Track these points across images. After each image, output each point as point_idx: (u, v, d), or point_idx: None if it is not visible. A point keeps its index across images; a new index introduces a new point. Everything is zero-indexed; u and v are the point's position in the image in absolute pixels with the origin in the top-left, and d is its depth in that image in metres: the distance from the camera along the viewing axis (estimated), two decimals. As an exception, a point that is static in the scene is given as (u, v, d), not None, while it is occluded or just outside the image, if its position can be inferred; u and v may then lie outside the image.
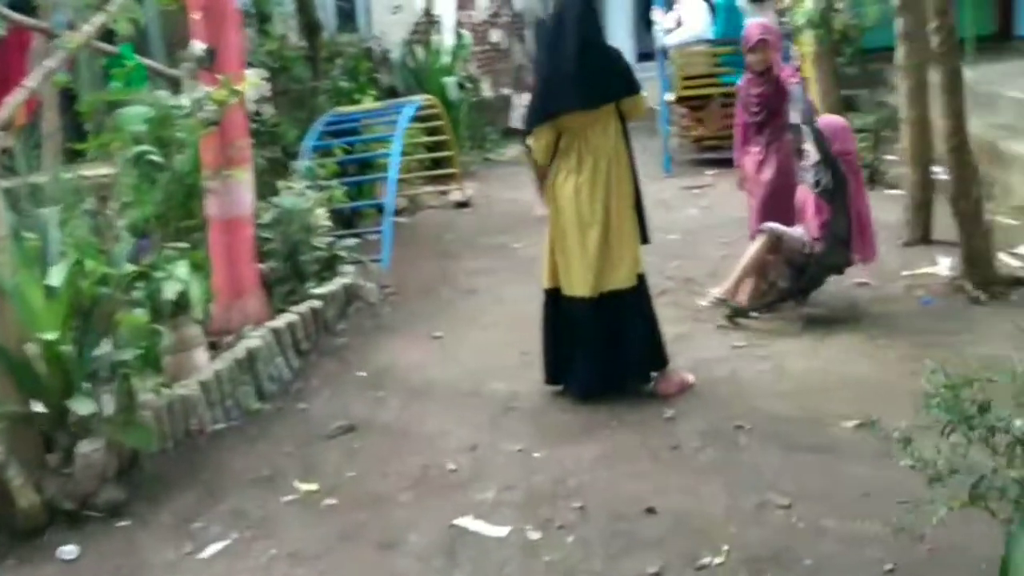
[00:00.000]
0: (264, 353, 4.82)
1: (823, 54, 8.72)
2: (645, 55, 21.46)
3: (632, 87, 4.26)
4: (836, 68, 8.78)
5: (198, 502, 3.66)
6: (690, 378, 4.50)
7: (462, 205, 9.65)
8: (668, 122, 10.56)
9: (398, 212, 9.04)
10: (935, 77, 5.95)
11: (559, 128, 4.24)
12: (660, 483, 3.54)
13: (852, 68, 8.97)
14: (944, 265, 6.10)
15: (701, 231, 7.66)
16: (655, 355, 4.41)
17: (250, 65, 6.18)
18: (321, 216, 6.21)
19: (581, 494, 3.49)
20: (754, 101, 5.81)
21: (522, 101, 8.53)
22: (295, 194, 6.19)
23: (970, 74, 6.99)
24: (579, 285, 4.30)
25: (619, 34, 20.62)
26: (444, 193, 10.04)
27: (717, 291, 5.48)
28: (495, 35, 15.79)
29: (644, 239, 4.44)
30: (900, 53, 6.63)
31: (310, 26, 8.57)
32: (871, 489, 3.37)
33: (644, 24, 21.36)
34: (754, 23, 6.26)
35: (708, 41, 10.36)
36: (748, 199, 6.03)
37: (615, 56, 4.27)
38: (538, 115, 4.25)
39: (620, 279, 4.28)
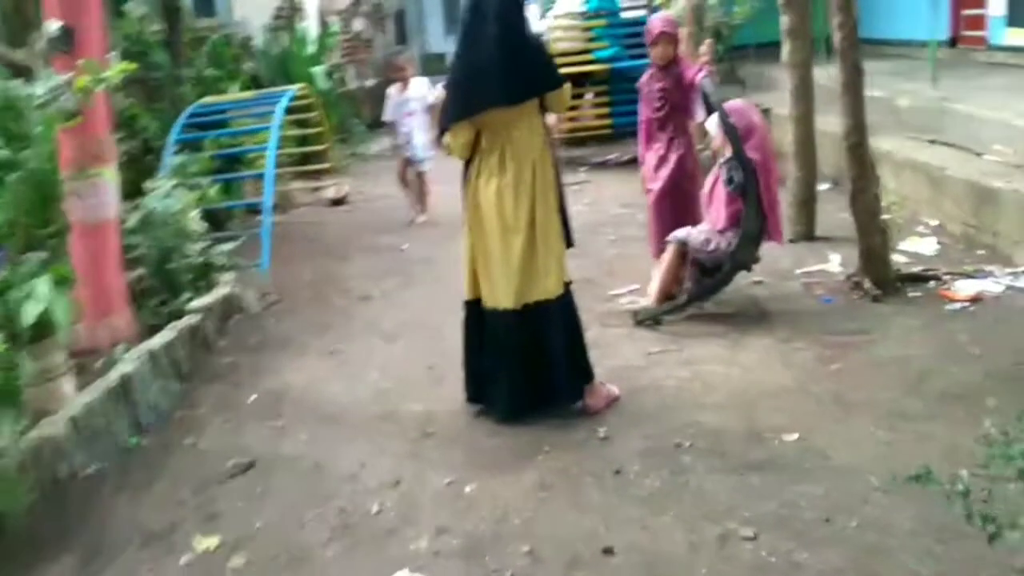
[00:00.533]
0: (140, 379, 4.24)
1: (696, 51, 8.68)
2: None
3: (558, 79, 3.95)
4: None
5: (78, 569, 3.10)
6: (615, 391, 4.24)
7: (337, 203, 9.15)
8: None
9: (269, 210, 8.52)
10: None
11: (479, 125, 3.88)
12: (610, 516, 3.24)
13: (722, 65, 8.98)
14: (835, 262, 6.09)
15: (590, 229, 7.45)
16: (582, 369, 4.12)
17: (107, 50, 5.51)
18: (195, 219, 5.62)
19: (528, 534, 3.14)
20: (656, 96, 5.60)
21: (395, 92, 8.05)
22: (164, 194, 5.58)
23: (826, 74, 7.08)
24: (503, 296, 3.95)
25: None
26: (317, 189, 9.50)
27: (646, 302, 5.28)
28: (357, 24, 15.23)
29: (568, 243, 4.14)
30: (785, 50, 6.59)
31: (170, 8, 7.83)
32: (830, 513, 3.18)
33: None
34: (657, 16, 6.04)
35: (581, 14, 10.19)
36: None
37: (538, 46, 3.95)
38: (457, 111, 3.87)
39: (547, 289, 3.96)
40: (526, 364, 3.97)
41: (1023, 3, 9.20)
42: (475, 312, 4.06)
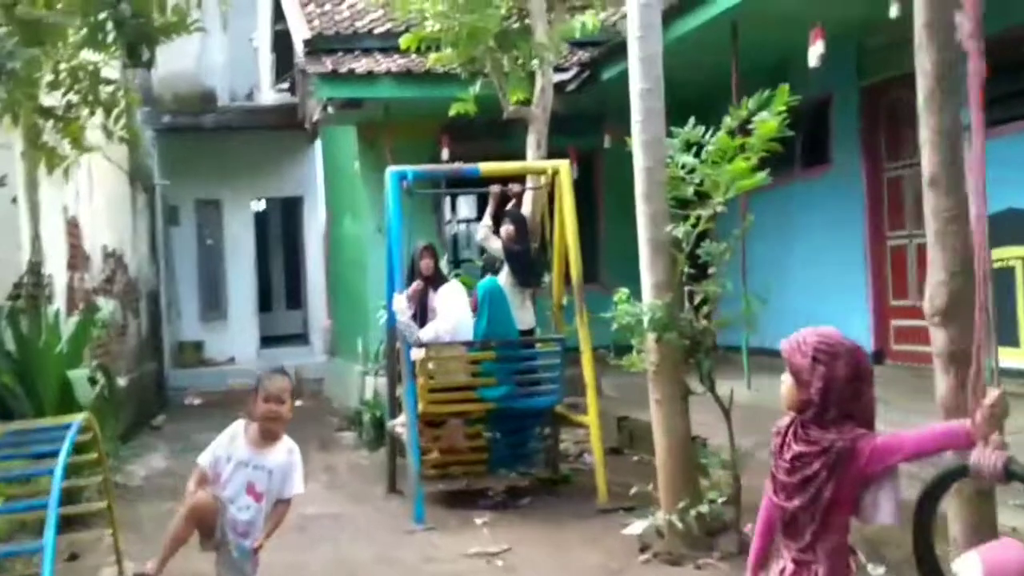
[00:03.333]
0: None
1: (669, 367, 6.21)
2: (269, 339, 18.37)
3: None
4: (686, 389, 6.26)
5: None
6: None
7: (125, 597, 5.54)
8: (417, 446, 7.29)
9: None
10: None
11: None
12: None
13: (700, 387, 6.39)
14: None
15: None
16: None
17: None
18: None
19: None
20: (784, 469, 2.98)
21: (244, 437, 4.30)
22: None
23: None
24: None
25: (244, 312, 17.42)
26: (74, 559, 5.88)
27: None
28: (109, 305, 11.86)
29: None
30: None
31: None
32: None
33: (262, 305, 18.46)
34: (808, 330, 3.08)
35: (467, 343, 7.55)
36: None
37: None
38: None
39: None
40: None
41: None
42: None
